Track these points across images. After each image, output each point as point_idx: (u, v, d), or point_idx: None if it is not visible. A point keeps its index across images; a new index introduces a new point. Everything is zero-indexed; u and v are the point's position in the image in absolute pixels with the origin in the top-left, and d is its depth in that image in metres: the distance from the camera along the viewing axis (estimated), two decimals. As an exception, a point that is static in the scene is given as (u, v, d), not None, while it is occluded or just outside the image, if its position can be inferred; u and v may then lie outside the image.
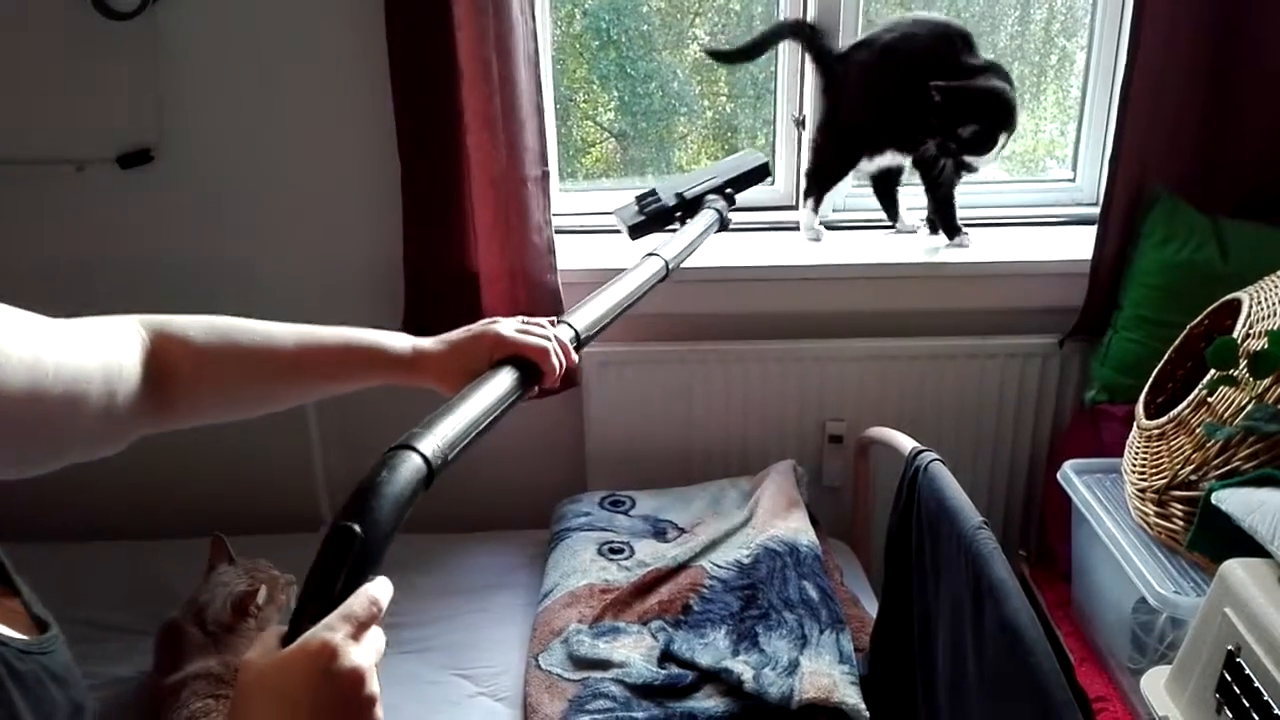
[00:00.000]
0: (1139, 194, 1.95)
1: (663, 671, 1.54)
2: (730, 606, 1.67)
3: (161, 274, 2.02)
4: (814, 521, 1.87)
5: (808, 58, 2.06)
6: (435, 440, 0.75)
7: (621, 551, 1.84)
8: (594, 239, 2.16)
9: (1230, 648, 1.18)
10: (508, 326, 1.00)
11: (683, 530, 1.90)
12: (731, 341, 2.10)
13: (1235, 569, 1.22)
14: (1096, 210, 2.02)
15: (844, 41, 2.07)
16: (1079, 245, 2.05)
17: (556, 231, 2.00)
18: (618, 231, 1.87)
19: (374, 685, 0.64)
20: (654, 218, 1.61)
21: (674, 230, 1.63)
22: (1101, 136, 2.15)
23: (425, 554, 1.97)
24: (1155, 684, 1.34)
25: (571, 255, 2.06)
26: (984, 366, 2.10)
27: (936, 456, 1.51)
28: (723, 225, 1.51)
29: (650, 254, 1.30)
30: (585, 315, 1.12)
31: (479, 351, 0.98)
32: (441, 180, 1.89)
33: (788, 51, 2.12)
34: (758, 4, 2.21)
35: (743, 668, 1.51)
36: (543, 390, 1.01)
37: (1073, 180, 2.25)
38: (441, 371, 0.98)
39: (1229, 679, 1.18)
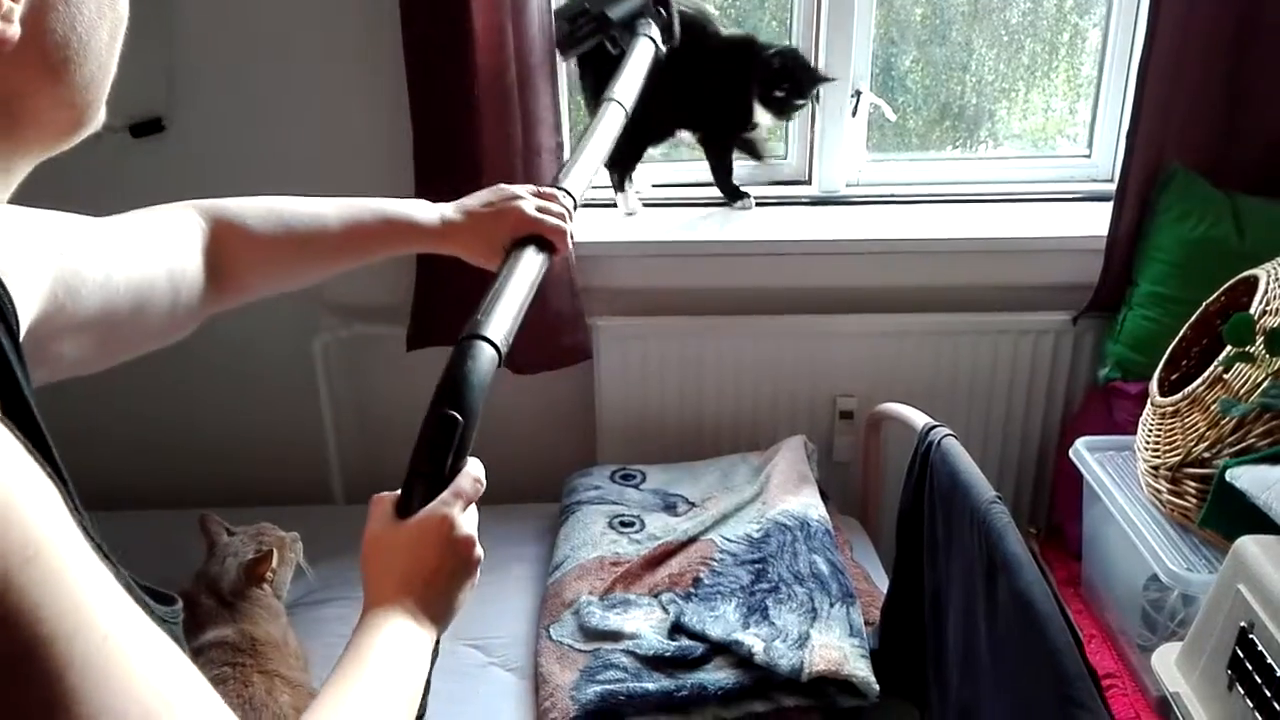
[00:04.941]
0: (1155, 170, 1.94)
1: (673, 643, 1.55)
2: (740, 580, 1.68)
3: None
4: (824, 497, 1.87)
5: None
6: (497, 327, 0.85)
7: (632, 525, 1.85)
8: (605, 212, 2.15)
9: (1243, 624, 1.19)
10: (530, 205, 1.04)
11: (693, 504, 1.91)
12: (743, 316, 2.09)
13: (1249, 545, 1.22)
14: (1112, 186, 2.01)
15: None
16: (1094, 221, 2.04)
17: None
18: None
19: (479, 549, 0.79)
20: (583, 39, 1.59)
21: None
22: (1118, 113, 2.13)
23: (437, 526, 1.96)
24: (1166, 660, 1.35)
25: (582, 226, 2.05)
26: (997, 343, 2.09)
27: (949, 432, 1.51)
28: (657, 52, 1.49)
29: (608, 99, 1.28)
30: (577, 179, 1.14)
31: (503, 228, 1.03)
32: (455, 151, 1.88)
33: (799, 26, 2.11)
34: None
35: (753, 640, 1.51)
36: (554, 362, 1.02)
37: (1088, 156, 2.23)
38: (468, 242, 1.05)
39: (1241, 656, 1.19)
